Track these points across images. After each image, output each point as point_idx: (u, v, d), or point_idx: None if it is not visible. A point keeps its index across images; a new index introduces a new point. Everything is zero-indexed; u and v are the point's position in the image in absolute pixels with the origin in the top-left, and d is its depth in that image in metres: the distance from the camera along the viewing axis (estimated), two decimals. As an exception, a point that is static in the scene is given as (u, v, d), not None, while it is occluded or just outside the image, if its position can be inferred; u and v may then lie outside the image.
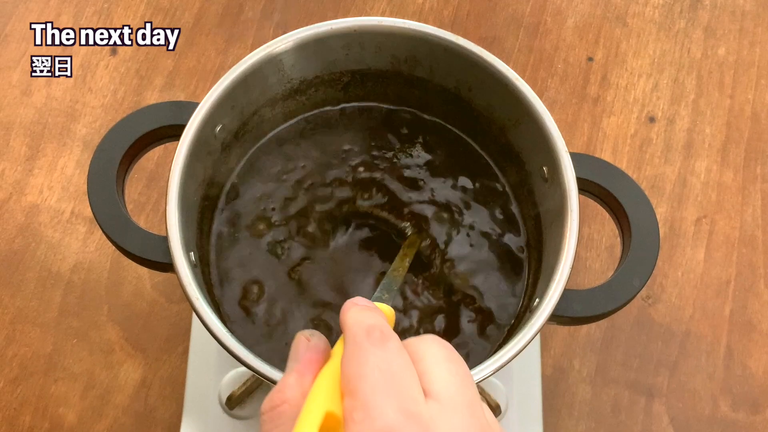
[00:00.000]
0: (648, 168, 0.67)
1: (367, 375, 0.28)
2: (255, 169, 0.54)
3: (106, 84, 0.69)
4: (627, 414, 0.60)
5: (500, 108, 0.51)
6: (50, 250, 0.63)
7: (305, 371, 0.31)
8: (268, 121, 0.54)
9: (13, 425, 0.59)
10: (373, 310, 0.33)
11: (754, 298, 0.63)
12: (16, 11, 0.71)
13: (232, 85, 0.48)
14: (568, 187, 0.46)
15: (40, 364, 0.60)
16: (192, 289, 0.43)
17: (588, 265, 0.64)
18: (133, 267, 0.62)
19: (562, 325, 0.48)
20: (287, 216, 0.52)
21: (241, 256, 0.52)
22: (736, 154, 0.68)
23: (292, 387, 0.31)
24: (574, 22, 0.73)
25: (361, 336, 0.30)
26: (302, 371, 0.31)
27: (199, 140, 0.47)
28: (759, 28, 0.73)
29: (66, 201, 0.65)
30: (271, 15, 0.72)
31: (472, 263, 0.51)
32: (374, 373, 0.28)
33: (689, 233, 0.65)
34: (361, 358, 0.29)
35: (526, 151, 0.51)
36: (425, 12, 0.72)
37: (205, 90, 0.50)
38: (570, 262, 0.44)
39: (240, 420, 0.55)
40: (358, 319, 0.32)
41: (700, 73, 0.71)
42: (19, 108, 0.68)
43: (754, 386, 0.61)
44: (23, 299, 0.62)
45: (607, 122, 0.69)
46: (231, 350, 0.42)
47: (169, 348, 0.61)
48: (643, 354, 0.61)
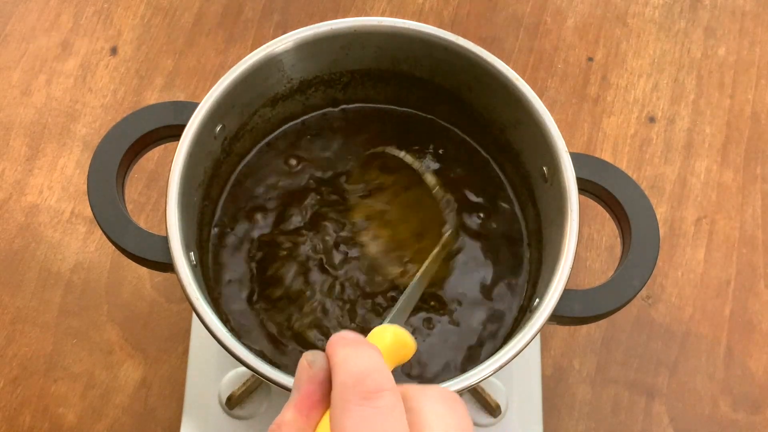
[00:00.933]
0: (648, 168, 0.67)
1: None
2: (255, 169, 0.54)
3: (106, 84, 0.69)
4: (627, 414, 0.60)
5: (500, 108, 0.51)
6: (50, 250, 0.63)
7: (302, 407, 0.29)
8: (268, 121, 0.54)
9: (13, 425, 0.59)
10: (365, 350, 0.29)
11: (754, 298, 0.63)
12: (16, 11, 0.71)
13: (232, 85, 0.48)
14: (568, 187, 0.46)
15: (40, 364, 0.60)
16: (192, 289, 0.43)
17: (588, 265, 0.64)
18: (133, 267, 0.62)
19: (562, 325, 0.48)
20: (288, 216, 0.52)
21: (242, 256, 0.52)
22: (736, 154, 0.68)
23: (290, 425, 0.28)
24: (574, 22, 0.73)
25: (348, 389, 0.27)
26: (300, 407, 0.29)
27: (199, 140, 0.47)
28: (759, 28, 0.73)
29: (66, 201, 0.65)
30: (271, 15, 0.72)
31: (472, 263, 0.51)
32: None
33: (689, 233, 0.65)
34: (346, 417, 0.27)
35: (526, 151, 0.51)
36: (425, 12, 0.72)
37: (205, 90, 0.50)
38: (570, 262, 0.44)
39: (240, 420, 0.55)
40: (347, 364, 0.28)
41: (700, 73, 0.71)
42: (19, 108, 0.68)
43: (754, 386, 0.61)
44: (23, 299, 0.62)
45: (607, 122, 0.69)
46: (231, 350, 0.42)
47: (169, 348, 0.61)
48: (643, 354, 0.61)
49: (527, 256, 0.52)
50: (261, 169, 0.54)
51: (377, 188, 0.52)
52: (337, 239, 0.51)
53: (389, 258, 0.50)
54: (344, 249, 0.51)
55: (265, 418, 0.55)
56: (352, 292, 0.50)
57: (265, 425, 0.55)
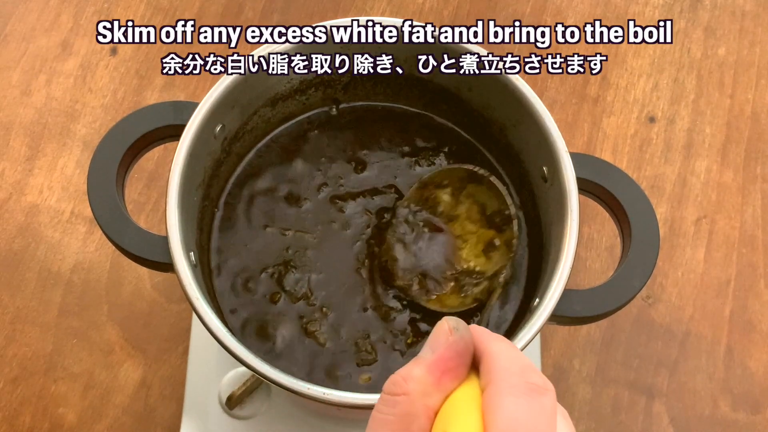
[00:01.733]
0: (648, 168, 0.67)
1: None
2: (255, 168, 0.54)
3: (106, 84, 0.69)
4: (627, 414, 0.60)
5: (500, 108, 0.51)
6: (50, 250, 0.63)
7: (435, 369, 0.28)
8: (268, 121, 0.54)
9: (13, 425, 0.59)
10: (517, 349, 0.29)
11: (754, 298, 0.63)
12: (16, 11, 0.71)
13: (232, 85, 0.48)
14: (568, 187, 0.46)
15: (40, 364, 0.60)
16: (192, 289, 0.43)
17: (588, 265, 0.64)
18: (133, 267, 0.62)
19: (562, 325, 0.48)
20: (288, 216, 0.52)
21: (242, 256, 0.52)
22: (736, 154, 0.68)
23: (418, 381, 0.27)
24: (574, 22, 0.73)
25: (514, 376, 0.26)
26: (432, 369, 0.28)
27: (199, 140, 0.47)
28: (759, 28, 0.73)
29: (66, 201, 0.65)
30: (271, 15, 0.72)
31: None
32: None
33: (689, 233, 0.65)
34: (511, 403, 0.26)
35: (526, 151, 0.51)
36: (425, 12, 0.72)
37: (205, 90, 0.50)
38: (570, 262, 0.44)
39: (240, 420, 0.55)
40: (510, 353, 0.28)
41: (700, 73, 0.71)
42: (19, 108, 0.68)
43: (754, 386, 0.61)
44: (23, 299, 0.62)
45: (607, 122, 0.69)
46: (231, 350, 0.42)
47: (169, 348, 0.61)
48: (643, 354, 0.61)
49: (527, 255, 0.52)
50: (262, 168, 0.54)
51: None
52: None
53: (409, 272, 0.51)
54: (346, 251, 0.51)
55: (265, 418, 0.55)
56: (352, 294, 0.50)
57: (265, 425, 0.55)
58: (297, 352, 0.49)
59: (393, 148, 0.54)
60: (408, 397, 0.27)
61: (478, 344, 0.29)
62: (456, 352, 0.28)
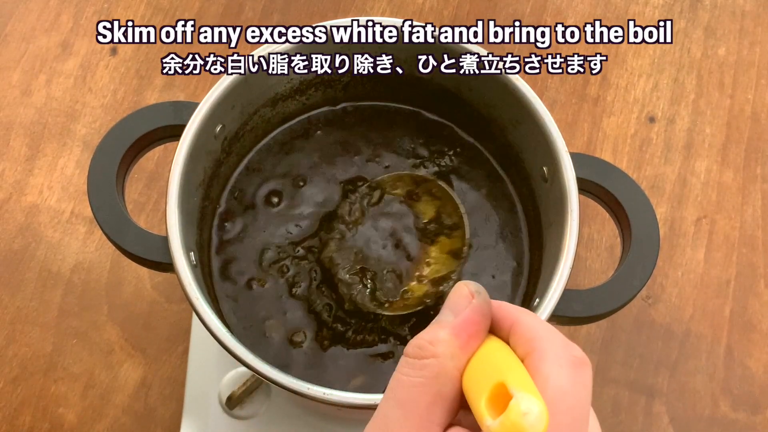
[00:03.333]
0: (648, 168, 0.67)
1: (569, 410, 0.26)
2: (255, 168, 0.54)
3: (106, 84, 0.69)
4: (627, 414, 0.60)
5: (500, 108, 0.51)
6: (50, 250, 0.63)
7: (461, 333, 0.28)
8: (268, 120, 0.54)
9: (13, 425, 0.59)
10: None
11: (754, 298, 0.63)
12: (16, 11, 0.71)
13: (232, 85, 0.48)
14: (568, 187, 0.46)
15: (40, 364, 0.60)
16: (192, 289, 0.43)
17: (588, 265, 0.64)
18: (133, 267, 0.62)
19: (562, 325, 0.48)
20: (288, 216, 0.52)
21: (242, 256, 0.52)
22: (736, 154, 0.68)
23: (445, 344, 0.28)
24: (574, 22, 0.73)
25: (559, 348, 0.27)
26: (458, 332, 0.28)
27: (199, 140, 0.47)
28: (759, 28, 0.73)
29: (66, 201, 0.65)
30: (271, 15, 0.72)
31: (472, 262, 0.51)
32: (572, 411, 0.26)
33: (689, 233, 0.65)
34: (564, 375, 0.26)
35: (526, 151, 0.51)
36: (425, 12, 0.72)
37: (205, 90, 0.50)
38: (570, 262, 0.44)
39: (240, 420, 0.55)
40: (549, 329, 0.28)
41: (700, 73, 0.71)
42: (19, 108, 0.68)
43: (754, 386, 0.61)
44: (23, 299, 0.62)
45: (607, 122, 0.69)
46: (231, 350, 0.42)
47: (169, 348, 0.61)
48: (643, 354, 0.61)
49: (527, 256, 0.52)
50: (262, 168, 0.54)
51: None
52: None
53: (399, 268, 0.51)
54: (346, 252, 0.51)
55: (265, 418, 0.55)
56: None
57: (265, 425, 0.55)
58: (297, 352, 0.49)
59: (393, 148, 0.54)
60: (437, 359, 0.28)
61: (502, 313, 0.29)
62: (482, 315, 0.29)
